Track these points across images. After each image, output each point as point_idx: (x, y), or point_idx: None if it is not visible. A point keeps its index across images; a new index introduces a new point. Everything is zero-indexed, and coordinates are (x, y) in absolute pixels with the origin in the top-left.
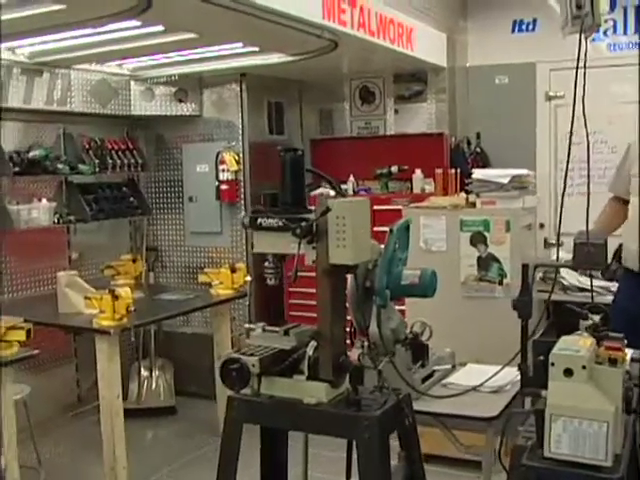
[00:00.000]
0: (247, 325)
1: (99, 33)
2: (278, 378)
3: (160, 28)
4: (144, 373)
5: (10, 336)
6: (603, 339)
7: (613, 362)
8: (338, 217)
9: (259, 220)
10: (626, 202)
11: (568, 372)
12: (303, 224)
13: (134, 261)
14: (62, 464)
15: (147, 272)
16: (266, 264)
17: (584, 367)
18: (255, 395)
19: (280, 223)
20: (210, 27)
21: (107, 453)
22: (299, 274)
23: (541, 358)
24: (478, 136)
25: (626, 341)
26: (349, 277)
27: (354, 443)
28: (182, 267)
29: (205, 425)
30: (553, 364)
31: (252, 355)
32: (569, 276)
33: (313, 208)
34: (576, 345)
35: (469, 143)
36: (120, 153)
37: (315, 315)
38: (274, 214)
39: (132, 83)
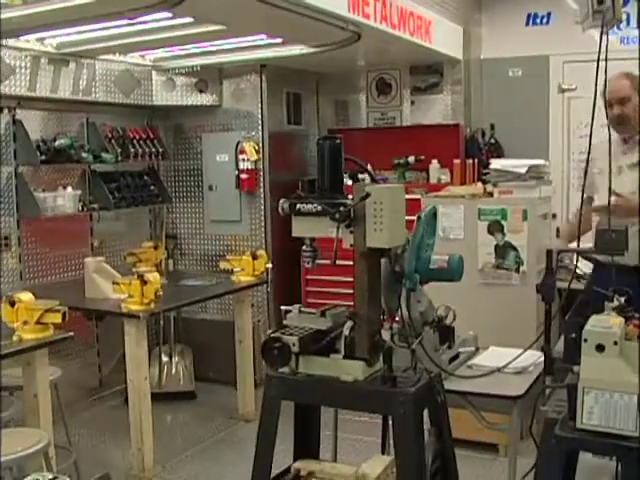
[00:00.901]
0: (284, 307)
1: (129, 24)
2: (315, 357)
3: (190, 20)
4: (164, 359)
5: (47, 318)
6: (630, 318)
7: None
8: (376, 202)
9: (298, 205)
10: None
11: (600, 348)
12: (342, 209)
13: (155, 248)
14: (90, 445)
15: (166, 259)
16: (304, 247)
17: (615, 343)
18: (293, 373)
19: (319, 208)
20: (238, 19)
21: (134, 433)
22: (317, 262)
23: (573, 336)
24: (492, 127)
25: None
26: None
27: (389, 418)
28: (201, 255)
29: (224, 409)
30: (586, 340)
31: (292, 335)
32: (582, 265)
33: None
34: (607, 323)
35: (483, 134)
36: (141, 142)
37: (331, 302)
38: (313, 199)
39: (154, 73)
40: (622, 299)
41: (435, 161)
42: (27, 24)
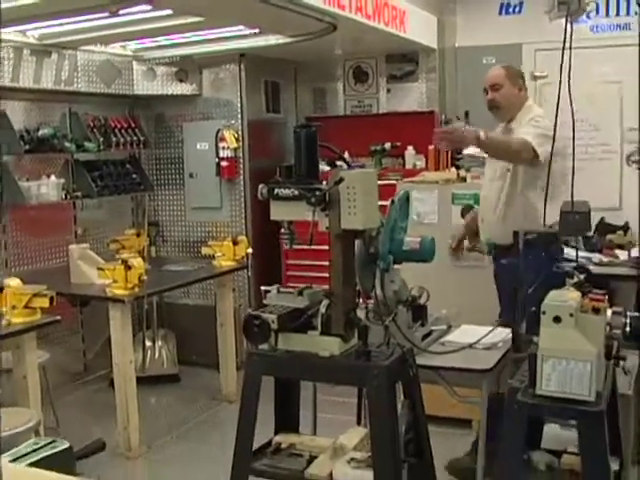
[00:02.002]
0: (264, 287)
1: (109, 16)
2: (294, 334)
3: (169, 12)
4: (147, 343)
5: (35, 303)
6: (587, 293)
7: (596, 311)
8: (349, 187)
9: (276, 190)
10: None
11: (557, 319)
12: (317, 193)
13: (138, 235)
14: (77, 426)
15: (149, 246)
16: (282, 230)
17: (571, 315)
18: (273, 350)
19: (296, 192)
20: (215, 11)
21: (121, 414)
22: (295, 247)
23: (533, 309)
24: (467, 114)
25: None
26: (356, 242)
27: (364, 391)
28: (183, 241)
29: (208, 391)
30: (544, 312)
31: (271, 313)
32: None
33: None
34: (564, 297)
35: (458, 120)
36: (123, 131)
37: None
38: (290, 185)
39: (135, 64)
40: (582, 276)
41: (411, 147)
42: (10, 16)
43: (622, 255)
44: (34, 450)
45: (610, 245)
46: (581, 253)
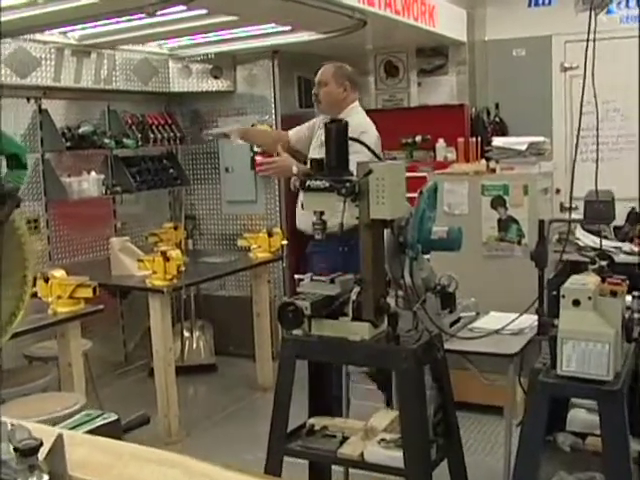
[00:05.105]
0: (297, 276)
1: (146, 17)
2: (326, 320)
3: (204, 12)
4: (185, 334)
5: (79, 293)
6: (606, 278)
7: (614, 294)
8: (378, 178)
9: (308, 182)
10: None
11: (576, 302)
12: (347, 185)
13: (175, 229)
14: (120, 413)
15: (186, 239)
16: (314, 220)
17: (590, 298)
18: (306, 335)
19: (327, 184)
20: (249, 10)
21: (161, 401)
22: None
23: (554, 293)
24: (497, 106)
25: None
26: (385, 232)
27: (393, 374)
28: (219, 234)
29: (244, 381)
30: (564, 296)
31: (304, 300)
32: (584, 237)
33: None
34: (583, 281)
35: (488, 113)
36: (160, 127)
37: None
38: (321, 177)
39: (170, 62)
40: (603, 263)
41: (441, 140)
42: (53, 19)
43: None
44: (86, 422)
45: None
46: (611, 242)
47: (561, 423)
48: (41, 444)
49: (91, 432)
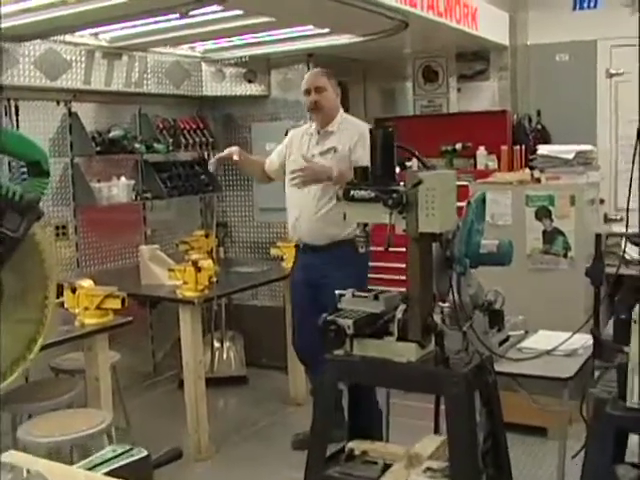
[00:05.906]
0: (338, 291)
1: (179, 18)
2: (369, 339)
3: (239, 12)
4: (216, 344)
5: (107, 304)
6: None
7: None
8: (428, 189)
9: (352, 192)
10: None
11: None
12: (394, 195)
13: (206, 236)
14: (147, 427)
15: (217, 247)
16: (357, 232)
17: None
18: (348, 355)
19: (372, 195)
20: (287, 10)
21: (191, 414)
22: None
23: (623, 317)
24: (539, 113)
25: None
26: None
27: (441, 398)
28: (251, 242)
29: (276, 394)
30: (635, 321)
31: (347, 318)
32: (631, 250)
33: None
34: None
35: (530, 120)
36: (192, 132)
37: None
38: (366, 186)
39: (203, 65)
40: None
41: (482, 148)
42: (81, 20)
43: None
44: (111, 458)
45: None
46: None
47: (618, 453)
48: None
49: (120, 469)
